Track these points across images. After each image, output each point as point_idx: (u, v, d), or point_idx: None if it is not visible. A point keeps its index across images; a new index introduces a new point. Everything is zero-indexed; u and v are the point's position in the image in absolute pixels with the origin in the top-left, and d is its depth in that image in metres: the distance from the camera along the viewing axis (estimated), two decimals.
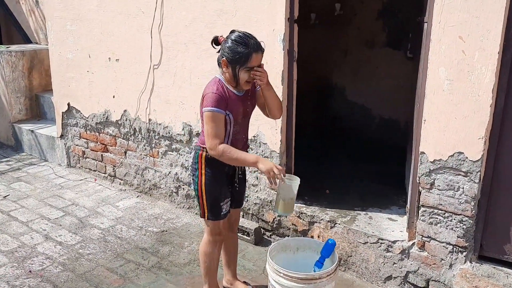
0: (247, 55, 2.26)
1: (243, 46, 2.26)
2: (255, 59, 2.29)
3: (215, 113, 2.29)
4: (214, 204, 2.50)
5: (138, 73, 4.11)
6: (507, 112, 2.41)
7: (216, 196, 2.50)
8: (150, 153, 4.25)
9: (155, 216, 3.94)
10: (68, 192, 4.40)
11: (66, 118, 4.94)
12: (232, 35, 2.31)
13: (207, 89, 2.37)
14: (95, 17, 4.30)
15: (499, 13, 2.25)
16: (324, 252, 2.54)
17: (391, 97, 5.09)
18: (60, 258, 3.24)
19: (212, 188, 2.48)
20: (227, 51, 2.29)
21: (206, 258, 2.63)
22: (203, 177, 2.48)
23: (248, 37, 2.30)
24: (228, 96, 2.35)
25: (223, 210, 2.53)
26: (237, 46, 2.26)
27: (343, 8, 5.26)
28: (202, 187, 2.49)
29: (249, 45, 2.27)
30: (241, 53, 2.26)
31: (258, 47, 2.30)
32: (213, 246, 2.60)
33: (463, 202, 2.58)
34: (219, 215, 2.53)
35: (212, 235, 2.57)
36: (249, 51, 2.26)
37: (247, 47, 2.26)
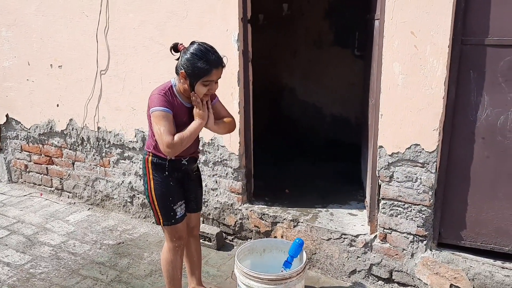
0: (206, 71, 2.18)
1: (203, 62, 2.17)
2: (215, 74, 2.22)
3: (164, 112, 2.21)
4: (167, 208, 2.42)
5: (84, 79, 3.91)
6: (458, 103, 2.52)
7: (167, 199, 2.42)
8: (100, 162, 4.06)
9: (109, 228, 3.76)
10: (11, 209, 4.11)
11: (5, 130, 4.62)
12: (192, 47, 2.22)
13: (154, 91, 2.31)
14: (34, 22, 4.05)
15: (447, 8, 2.34)
16: (292, 252, 2.53)
17: (342, 95, 5.20)
18: (9, 280, 3.00)
19: (162, 192, 2.40)
20: (186, 63, 2.20)
21: (168, 266, 2.53)
22: (151, 182, 2.41)
23: (209, 51, 2.21)
24: (174, 104, 2.28)
25: (177, 214, 2.44)
26: (197, 60, 2.18)
27: (291, 8, 5.32)
28: (152, 193, 2.42)
29: (209, 61, 2.18)
30: (200, 68, 2.18)
31: (218, 63, 2.22)
32: (175, 252, 2.50)
33: (421, 193, 2.67)
34: (175, 219, 2.44)
35: (172, 240, 2.48)
36: (209, 67, 2.18)
37: (207, 62, 2.18)
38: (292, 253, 2.53)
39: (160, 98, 2.24)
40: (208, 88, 2.24)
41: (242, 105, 3.23)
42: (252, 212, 3.33)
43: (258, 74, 3.40)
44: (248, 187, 3.44)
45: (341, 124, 5.29)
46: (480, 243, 2.66)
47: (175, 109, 2.28)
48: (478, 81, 2.46)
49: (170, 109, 2.24)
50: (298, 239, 2.56)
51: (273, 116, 5.60)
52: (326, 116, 5.45)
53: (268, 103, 5.52)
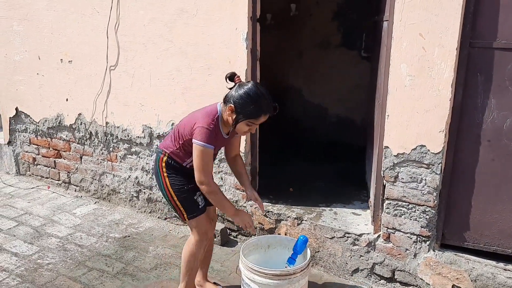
0: (255, 115, 2.27)
1: (255, 106, 2.25)
2: (262, 119, 2.31)
3: (207, 149, 2.29)
4: (188, 200, 2.46)
5: (94, 74, 3.96)
6: (465, 106, 2.54)
7: (187, 191, 2.46)
8: (107, 157, 4.11)
9: (115, 222, 3.81)
10: (19, 201, 4.17)
11: (14, 123, 4.68)
12: (248, 87, 2.27)
13: (201, 120, 2.31)
14: (45, 16, 4.10)
15: (456, 10, 2.36)
16: (296, 248, 2.56)
17: (347, 96, 5.23)
18: (17, 269, 3.05)
19: (179, 186, 2.45)
20: (238, 100, 2.25)
21: (191, 258, 2.54)
22: (166, 179, 2.46)
23: (264, 96, 2.27)
24: (217, 136, 2.37)
25: (199, 203, 2.49)
26: (249, 102, 2.24)
27: (299, 9, 5.35)
28: (169, 189, 2.46)
29: (261, 107, 2.26)
30: (250, 111, 2.25)
31: (269, 110, 2.29)
32: (200, 246, 2.52)
33: (425, 193, 2.69)
34: (198, 209, 2.48)
35: (199, 234, 2.50)
36: (259, 113, 2.27)
37: (259, 108, 2.25)
38: (297, 249, 2.56)
39: (207, 133, 2.28)
40: (249, 129, 2.32)
41: None
42: (256, 209, 3.36)
43: (264, 74, 3.43)
44: (253, 184, 3.46)
45: (346, 125, 5.32)
46: (483, 244, 2.68)
47: (216, 141, 2.36)
48: (485, 84, 2.48)
49: (214, 144, 2.32)
50: (303, 236, 2.59)
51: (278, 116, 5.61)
52: (331, 117, 5.48)
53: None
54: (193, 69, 3.39)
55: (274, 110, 2.31)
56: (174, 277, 3.01)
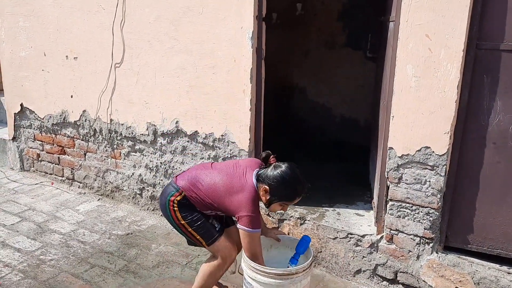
0: (290, 199, 2.31)
1: (291, 190, 2.28)
2: (295, 201, 2.34)
3: (255, 234, 2.29)
4: (204, 227, 2.41)
5: (99, 71, 3.96)
6: (471, 108, 2.53)
7: (200, 219, 2.41)
8: (111, 154, 4.11)
9: (118, 219, 3.81)
10: (23, 196, 4.18)
11: (19, 119, 4.69)
12: (283, 171, 2.27)
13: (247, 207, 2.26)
14: (51, 13, 4.11)
15: (463, 12, 2.35)
16: (299, 248, 2.55)
17: (351, 97, 5.21)
18: (19, 265, 3.06)
19: (192, 218, 2.40)
20: (274, 182, 2.25)
21: (210, 279, 2.50)
22: (177, 213, 2.40)
23: (300, 181, 2.29)
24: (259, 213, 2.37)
25: (216, 226, 2.45)
26: (285, 186, 2.26)
27: (304, 8, 5.34)
28: (181, 222, 2.41)
29: (297, 192, 2.29)
30: (286, 194, 2.28)
31: (303, 193, 2.31)
32: (222, 268, 2.49)
33: (429, 195, 2.68)
34: (216, 232, 2.44)
35: (223, 257, 2.45)
36: (295, 197, 2.30)
37: (295, 192, 2.29)
38: (299, 249, 2.55)
39: (255, 220, 2.27)
40: (282, 208, 2.34)
41: (254, 102, 3.25)
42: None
43: (269, 73, 3.43)
44: None
45: (350, 125, 5.30)
46: (487, 247, 2.67)
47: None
48: (492, 86, 2.47)
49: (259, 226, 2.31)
50: (306, 236, 2.58)
51: (282, 115, 5.62)
52: (335, 117, 5.47)
53: (278, 102, 5.54)
54: (198, 67, 3.39)
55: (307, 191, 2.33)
56: (176, 275, 3.01)
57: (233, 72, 3.23)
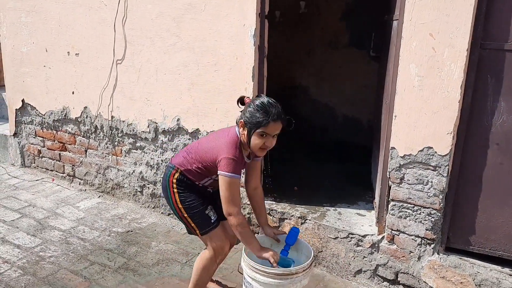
0: (264, 122, 2.23)
1: (262, 113, 2.22)
2: (272, 127, 2.24)
3: (234, 179, 2.25)
4: (199, 216, 2.41)
5: (100, 68, 3.95)
6: (474, 108, 2.51)
7: (197, 207, 2.41)
8: (112, 151, 4.10)
9: (119, 216, 3.80)
10: (23, 193, 4.17)
11: (20, 115, 4.68)
12: (256, 101, 2.27)
13: (226, 150, 2.26)
14: (53, 8, 4.10)
15: (468, 11, 2.33)
16: (288, 240, 2.54)
17: (354, 96, 5.19)
18: (19, 261, 3.05)
19: (189, 201, 2.41)
20: (247, 114, 2.26)
21: (203, 273, 2.50)
22: (176, 195, 2.41)
23: (271, 105, 2.26)
24: (240, 162, 2.33)
25: (211, 218, 2.44)
26: (257, 110, 2.23)
27: (308, 7, 5.31)
28: (179, 205, 2.41)
29: (268, 113, 2.23)
30: (258, 119, 2.22)
31: (278, 116, 2.25)
32: (214, 262, 2.49)
33: (431, 196, 2.66)
34: (211, 223, 2.43)
35: (215, 249, 2.45)
36: (267, 119, 2.22)
37: (266, 114, 2.23)
38: (289, 240, 2.54)
39: (234, 164, 2.25)
40: (264, 141, 2.25)
41: None
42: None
43: (271, 71, 3.41)
44: None
45: (352, 125, 5.28)
46: (488, 249, 2.65)
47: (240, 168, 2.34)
48: (496, 86, 2.44)
49: (239, 172, 2.28)
50: (294, 227, 2.58)
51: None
52: (337, 116, 5.44)
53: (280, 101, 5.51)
54: (200, 64, 3.37)
55: (287, 121, 2.28)
56: (175, 273, 3.00)
57: (235, 70, 3.22)
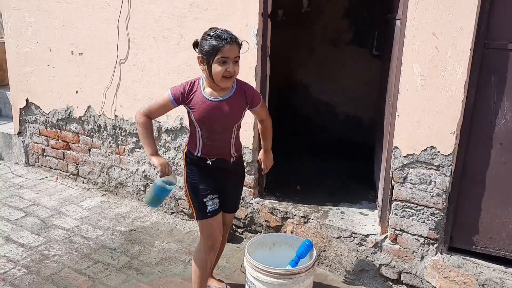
0: (219, 47, 2.18)
1: (214, 39, 2.20)
2: (228, 50, 2.19)
3: (165, 95, 2.34)
4: (198, 201, 2.43)
5: (104, 67, 3.96)
6: (477, 108, 2.50)
7: (198, 190, 2.43)
8: (116, 150, 4.11)
9: (122, 215, 3.82)
10: (27, 191, 4.19)
11: (24, 114, 4.70)
12: (207, 31, 2.27)
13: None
14: (57, 8, 4.11)
15: (471, 10, 2.32)
16: (299, 252, 2.53)
17: (356, 95, 5.18)
18: (23, 260, 3.07)
19: (192, 183, 2.45)
20: (201, 46, 2.25)
21: (197, 267, 2.49)
22: (185, 173, 2.50)
23: (222, 31, 2.24)
24: (194, 95, 2.31)
25: (208, 207, 2.41)
26: (210, 39, 2.21)
27: (310, 5, 5.30)
28: (186, 184, 2.49)
29: (220, 37, 2.20)
30: (213, 45, 2.19)
31: (231, 39, 2.22)
32: (207, 253, 2.46)
33: (434, 196, 2.65)
34: (205, 212, 2.41)
35: (205, 238, 2.45)
36: (221, 42, 2.19)
37: (218, 38, 2.20)
38: (300, 253, 2.53)
39: (178, 87, 2.34)
40: (225, 68, 2.20)
41: None
42: (263, 207, 3.34)
43: (274, 70, 3.41)
44: (260, 181, 3.45)
45: (353, 124, 5.27)
46: (492, 249, 2.64)
47: (194, 101, 2.31)
48: (499, 86, 2.43)
49: (177, 99, 2.33)
50: (307, 240, 2.56)
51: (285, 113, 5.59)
52: (339, 115, 5.43)
53: (282, 99, 5.51)
54: None
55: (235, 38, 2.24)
56: (178, 272, 3.01)
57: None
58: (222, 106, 2.32)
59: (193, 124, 2.39)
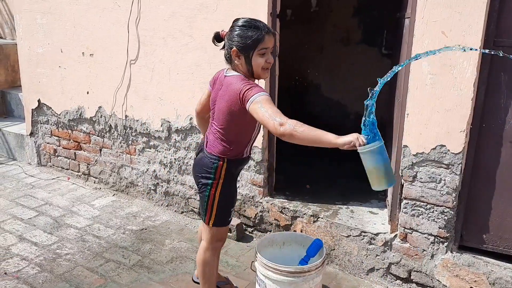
0: (259, 37, 2.09)
1: (253, 30, 2.09)
2: (268, 40, 2.11)
3: (265, 96, 2.04)
4: (226, 212, 2.38)
5: (114, 68, 4.00)
6: (487, 106, 2.49)
7: (230, 203, 2.40)
8: (126, 150, 4.15)
9: (133, 214, 3.86)
10: (40, 191, 4.25)
11: (36, 115, 4.76)
12: (238, 22, 2.15)
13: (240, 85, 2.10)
14: (68, 10, 4.16)
15: (480, 8, 2.31)
16: (310, 251, 2.55)
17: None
18: (36, 259, 3.12)
19: (228, 196, 2.38)
20: (236, 39, 2.12)
21: (205, 267, 2.47)
22: (219, 187, 2.31)
23: (256, 20, 2.16)
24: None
25: (231, 216, 2.43)
26: (247, 30, 2.10)
27: (319, 5, 5.30)
28: (216, 196, 2.32)
29: (260, 27, 2.11)
30: (252, 36, 2.09)
31: (268, 28, 2.15)
32: (213, 253, 2.45)
33: (444, 194, 2.65)
34: (227, 221, 2.42)
35: (213, 242, 2.42)
36: (260, 32, 2.09)
37: (258, 29, 2.10)
38: (310, 252, 2.55)
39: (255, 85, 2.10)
40: (265, 59, 2.14)
41: None
42: (272, 206, 3.36)
43: (284, 69, 3.42)
44: (270, 180, 3.47)
45: None
46: (502, 247, 2.63)
47: None
48: (509, 84, 2.43)
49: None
50: (318, 239, 2.57)
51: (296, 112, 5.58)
52: (350, 114, 5.42)
53: (292, 98, 5.52)
54: (212, 64, 3.39)
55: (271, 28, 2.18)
56: (189, 270, 3.04)
57: None
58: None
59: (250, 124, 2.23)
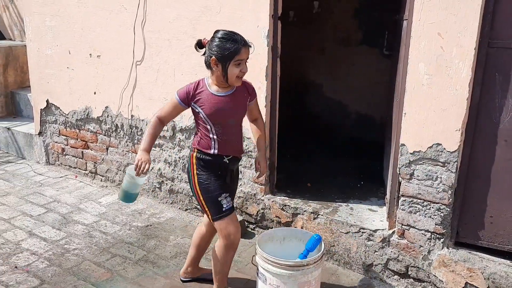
0: (236, 50, 2.34)
1: (231, 42, 2.34)
2: (244, 52, 2.37)
3: (173, 98, 2.50)
4: (213, 201, 2.48)
5: (120, 69, 4.10)
6: (482, 105, 2.56)
7: (212, 192, 2.49)
8: (132, 149, 4.25)
9: (138, 211, 3.95)
10: (48, 189, 4.36)
11: (45, 115, 4.88)
12: (218, 34, 2.39)
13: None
14: (76, 13, 4.27)
15: (475, 11, 2.38)
16: (308, 246, 2.62)
17: (367, 94, 5.24)
18: (45, 253, 3.22)
19: (206, 185, 2.49)
20: (215, 49, 2.35)
21: (216, 262, 2.59)
22: (195, 177, 2.52)
23: (234, 33, 2.39)
24: (201, 94, 2.45)
25: (223, 205, 2.48)
26: (226, 42, 2.34)
27: (321, 5, 5.38)
28: (197, 187, 2.52)
29: (237, 40, 2.36)
30: (230, 48, 2.33)
31: (245, 41, 2.39)
32: (227, 251, 2.53)
33: (440, 191, 2.72)
34: (221, 211, 2.48)
35: (224, 237, 2.49)
36: (237, 45, 2.34)
37: (235, 42, 2.35)
38: (309, 247, 2.61)
39: (183, 89, 2.49)
40: (240, 69, 2.38)
41: (269, 99, 3.34)
42: (274, 203, 3.44)
43: (285, 70, 3.50)
44: (271, 178, 3.55)
45: (365, 122, 5.33)
46: (497, 243, 2.70)
47: (203, 99, 2.44)
48: (503, 84, 2.49)
49: (185, 100, 2.47)
50: (316, 234, 2.65)
51: (298, 112, 5.68)
52: (351, 114, 5.50)
53: (293, 99, 5.60)
54: None
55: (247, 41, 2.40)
56: None
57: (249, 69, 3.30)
58: (230, 99, 2.49)
59: (205, 122, 2.47)
